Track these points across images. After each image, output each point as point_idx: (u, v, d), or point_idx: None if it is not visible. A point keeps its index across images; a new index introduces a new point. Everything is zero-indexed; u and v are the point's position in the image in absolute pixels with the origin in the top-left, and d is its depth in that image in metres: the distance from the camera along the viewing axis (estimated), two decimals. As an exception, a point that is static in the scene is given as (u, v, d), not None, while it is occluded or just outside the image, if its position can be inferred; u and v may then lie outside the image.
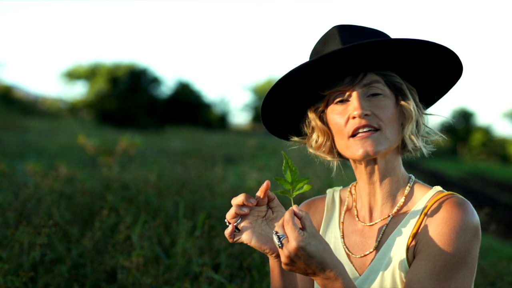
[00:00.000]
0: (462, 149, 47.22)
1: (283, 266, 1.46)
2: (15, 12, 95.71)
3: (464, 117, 49.91)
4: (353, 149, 1.60)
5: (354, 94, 1.60)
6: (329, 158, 1.74)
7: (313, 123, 1.70)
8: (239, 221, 1.54)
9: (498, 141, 48.76)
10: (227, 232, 1.54)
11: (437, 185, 1.69)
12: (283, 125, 1.77)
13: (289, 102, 1.69)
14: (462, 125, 49.38)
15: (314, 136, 1.71)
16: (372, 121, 1.59)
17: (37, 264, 2.81)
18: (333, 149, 1.72)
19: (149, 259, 2.91)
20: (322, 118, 1.69)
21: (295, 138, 1.77)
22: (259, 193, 1.54)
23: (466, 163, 36.12)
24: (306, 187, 1.53)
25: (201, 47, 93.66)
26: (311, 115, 1.69)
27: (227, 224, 1.55)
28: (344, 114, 1.61)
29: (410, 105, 1.62)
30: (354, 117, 1.59)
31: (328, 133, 1.69)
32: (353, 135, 1.60)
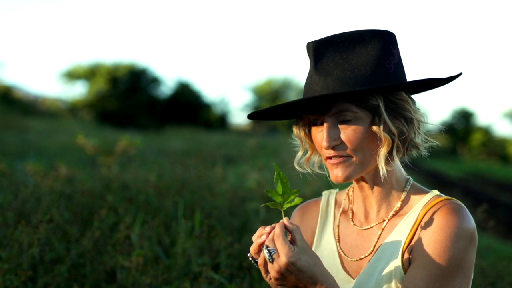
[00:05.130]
0: (462, 149, 47.25)
1: (273, 280, 1.47)
2: (15, 12, 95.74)
3: (464, 117, 49.95)
4: (329, 172, 1.62)
5: (324, 123, 1.58)
6: (318, 170, 1.73)
7: (298, 137, 1.70)
8: None
9: (498, 141, 48.84)
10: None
11: (438, 185, 1.69)
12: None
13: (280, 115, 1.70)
14: (462, 125, 49.41)
15: (300, 151, 1.71)
16: (341, 150, 1.57)
17: (37, 264, 2.80)
18: (322, 163, 1.71)
19: (149, 259, 2.90)
20: (309, 133, 1.68)
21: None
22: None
23: (466, 163, 36.18)
24: (297, 200, 1.53)
25: (201, 47, 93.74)
26: (295, 130, 1.69)
27: (252, 262, 1.54)
28: (321, 138, 1.60)
29: (381, 130, 1.55)
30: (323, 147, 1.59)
31: (314, 148, 1.69)
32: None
